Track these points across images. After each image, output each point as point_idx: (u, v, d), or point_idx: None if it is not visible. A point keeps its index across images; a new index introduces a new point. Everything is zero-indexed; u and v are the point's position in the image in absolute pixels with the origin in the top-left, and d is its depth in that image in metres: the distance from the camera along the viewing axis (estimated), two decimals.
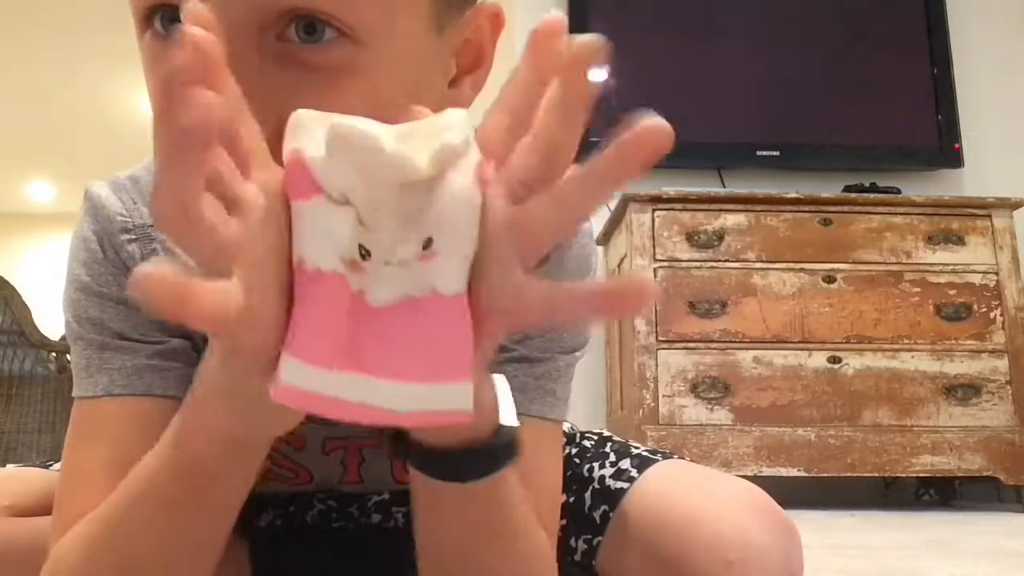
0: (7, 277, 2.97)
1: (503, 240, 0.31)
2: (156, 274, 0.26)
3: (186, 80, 0.27)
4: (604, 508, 0.62)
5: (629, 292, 0.30)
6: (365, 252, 0.31)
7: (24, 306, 2.97)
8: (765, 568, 0.54)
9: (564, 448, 0.67)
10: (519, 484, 0.46)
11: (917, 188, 2.81)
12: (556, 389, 0.57)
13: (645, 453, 0.66)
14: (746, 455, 2.27)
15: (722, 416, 2.31)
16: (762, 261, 2.41)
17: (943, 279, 2.42)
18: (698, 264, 2.41)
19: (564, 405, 0.58)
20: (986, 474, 2.30)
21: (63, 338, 3.50)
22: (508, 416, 0.41)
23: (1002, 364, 2.37)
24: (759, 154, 2.82)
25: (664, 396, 2.31)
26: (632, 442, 0.69)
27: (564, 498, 0.65)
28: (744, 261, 2.41)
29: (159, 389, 0.52)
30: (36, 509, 0.61)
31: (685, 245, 2.42)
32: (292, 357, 0.30)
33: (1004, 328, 2.39)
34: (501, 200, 0.31)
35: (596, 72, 0.29)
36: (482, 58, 0.49)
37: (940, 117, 2.88)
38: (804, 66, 2.95)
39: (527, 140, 0.31)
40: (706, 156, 2.85)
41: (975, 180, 2.94)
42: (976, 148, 2.93)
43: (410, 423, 0.31)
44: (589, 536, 0.62)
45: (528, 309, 0.31)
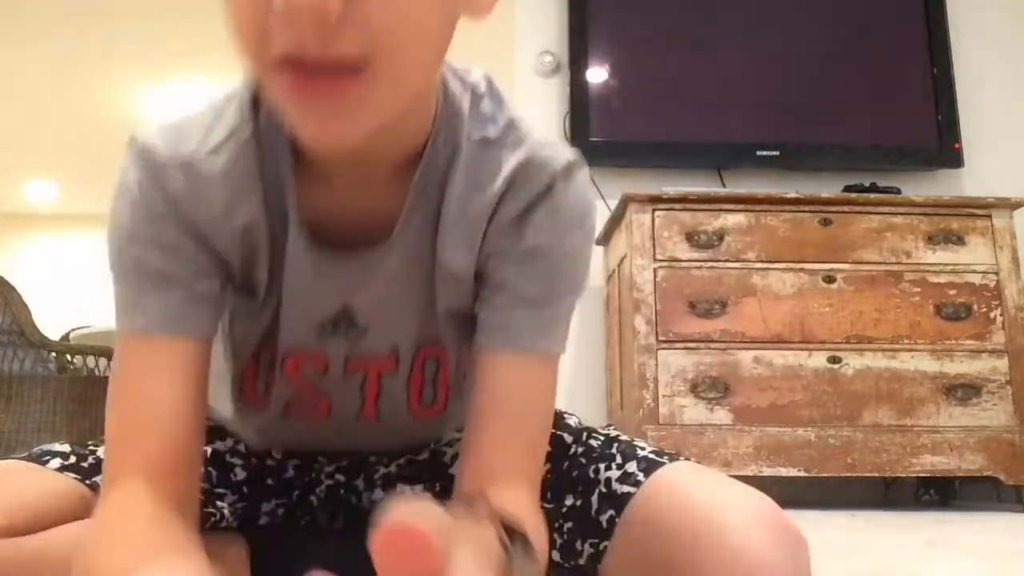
0: (7, 277, 2.97)
1: None
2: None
3: None
4: (611, 513, 0.62)
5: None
6: None
7: (24, 306, 2.97)
8: None
9: (570, 448, 0.69)
10: None
11: (917, 188, 2.81)
12: (560, 327, 0.64)
13: (651, 455, 0.66)
14: (746, 455, 2.27)
15: (722, 416, 2.31)
16: (762, 261, 2.41)
17: (943, 279, 2.42)
18: (698, 264, 2.41)
19: (565, 340, 0.66)
20: (986, 474, 2.30)
21: (63, 338, 3.50)
22: None
23: (1002, 364, 2.37)
24: (759, 154, 2.82)
25: (664, 396, 2.31)
26: (638, 441, 0.69)
27: (571, 501, 0.65)
28: (744, 261, 2.41)
29: (193, 329, 0.58)
30: (34, 524, 0.58)
31: (685, 245, 2.42)
32: None
33: (1004, 328, 2.39)
34: None
35: None
36: None
37: (940, 117, 2.88)
38: (804, 66, 2.95)
39: None
40: (706, 156, 2.85)
41: (975, 180, 2.94)
42: (976, 148, 2.93)
43: None
44: (596, 540, 0.62)
45: None
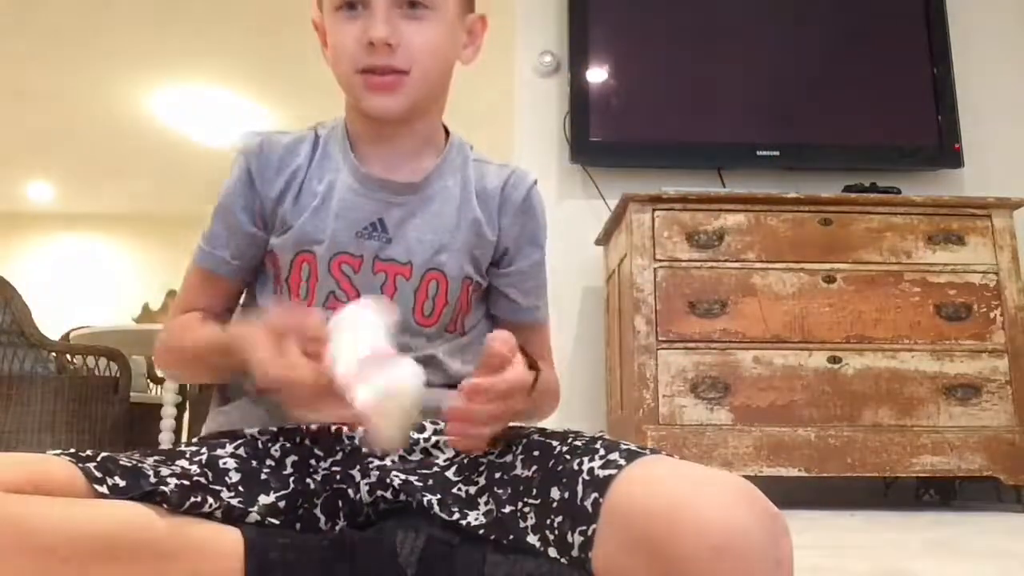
0: (7, 277, 2.97)
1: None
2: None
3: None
4: (595, 496, 0.63)
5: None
6: None
7: (24, 306, 2.97)
8: (751, 553, 0.55)
9: (555, 448, 0.72)
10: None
11: (917, 188, 2.81)
12: (541, 288, 0.99)
13: (634, 448, 0.68)
14: (746, 455, 2.27)
15: (722, 416, 2.31)
16: (762, 261, 2.42)
17: (943, 279, 2.42)
18: (698, 264, 2.41)
19: (547, 304, 1.01)
20: (986, 474, 2.30)
21: (63, 338, 3.50)
22: None
23: (1002, 364, 2.37)
24: (759, 154, 2.82)
25: (664, 396, 2.31)
26: (624, 441, 0.70)
27: (557, 494, 0.66)
28: (744, 261, 2.41)
29: (227, 273, 0.93)
30: (24, 487, 0.60)
31: (685, 245, 2.42)
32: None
33: (1004, 328, 2.39)
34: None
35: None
36: (476, 39, 0.96)
37: (940, 117, 2.88)
38: (804, 66, 2.95)
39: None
40: (706, 156, 2.85)
41: (975, 180, 2.94)
42: (976, 148, 2.93)
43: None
44: (584, 527, 0.63)
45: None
